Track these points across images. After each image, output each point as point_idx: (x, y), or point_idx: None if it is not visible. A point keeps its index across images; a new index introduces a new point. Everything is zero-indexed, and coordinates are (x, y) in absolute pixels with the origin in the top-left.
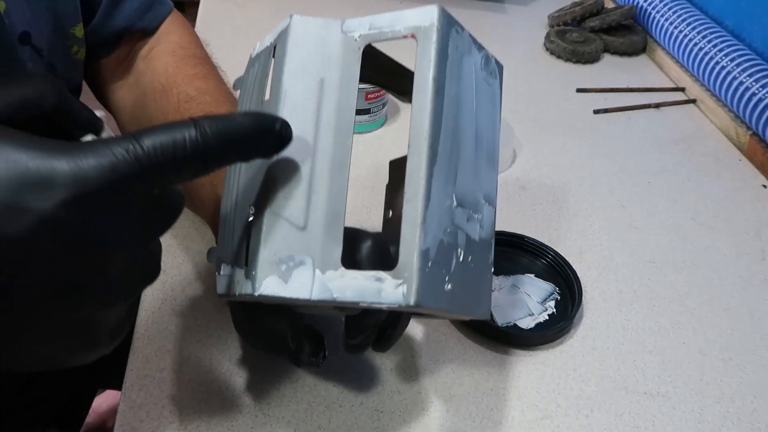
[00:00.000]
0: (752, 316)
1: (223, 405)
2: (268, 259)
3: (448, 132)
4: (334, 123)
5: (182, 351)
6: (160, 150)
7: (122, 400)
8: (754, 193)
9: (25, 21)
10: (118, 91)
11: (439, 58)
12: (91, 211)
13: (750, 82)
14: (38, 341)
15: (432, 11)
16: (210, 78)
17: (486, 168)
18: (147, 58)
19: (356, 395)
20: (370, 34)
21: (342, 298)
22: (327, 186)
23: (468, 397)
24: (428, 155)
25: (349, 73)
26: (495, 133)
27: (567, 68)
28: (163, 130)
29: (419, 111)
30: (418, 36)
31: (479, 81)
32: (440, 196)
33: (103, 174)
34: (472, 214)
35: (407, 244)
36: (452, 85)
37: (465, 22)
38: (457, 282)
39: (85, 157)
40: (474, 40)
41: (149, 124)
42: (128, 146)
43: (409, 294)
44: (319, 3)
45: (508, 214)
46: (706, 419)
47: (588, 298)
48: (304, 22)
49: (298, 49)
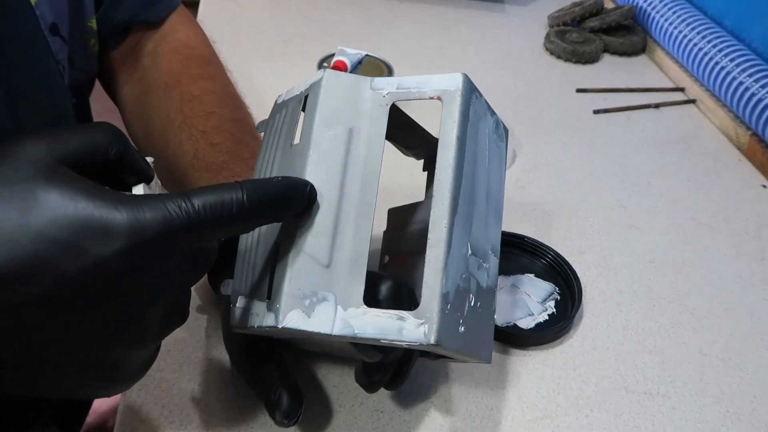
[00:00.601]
0: (752, 316)
1: (223, 405)
2: (293, 293)
3: (466, 186)
4: (361, 172)
5: (182, 351)
6: (209, 209)
7: (122, 400)
8: (753, 193)
9: (54, 12)
10: (124, 86)
11: (462, 120)
12: (143, 261)
13: (750, 82)
14: (70, 374)
15: (458, 78)
16: (216, 78)
17: (493, 222)
18: (152, 55)
19: (356, 395)
20: (398, 93)
21: (363, 335)
22: (352, 228)
23: (468, 397)
24: (450, 205)
25: (377, 127)
26: (501, 190)
27: (567, 68)
28: (213, 191)
29: (444, 165)
30: (444, 98)
31: (491, 143)
32: (459, 244)
33: (157, 228)
34: (482, 263)
35: (430, 287)
36: (471, 145)
37: (465, 22)
38: (468, 326)
39: (142, 210)
40: (488, 106)
41: (150, 120)
42: (180, 204)
43: (430, 333)
44: (320, 3)
45: (508, 214)
46: (706, 419)
47: (588, 298)
48: (336, 77)
49: (329, 100)
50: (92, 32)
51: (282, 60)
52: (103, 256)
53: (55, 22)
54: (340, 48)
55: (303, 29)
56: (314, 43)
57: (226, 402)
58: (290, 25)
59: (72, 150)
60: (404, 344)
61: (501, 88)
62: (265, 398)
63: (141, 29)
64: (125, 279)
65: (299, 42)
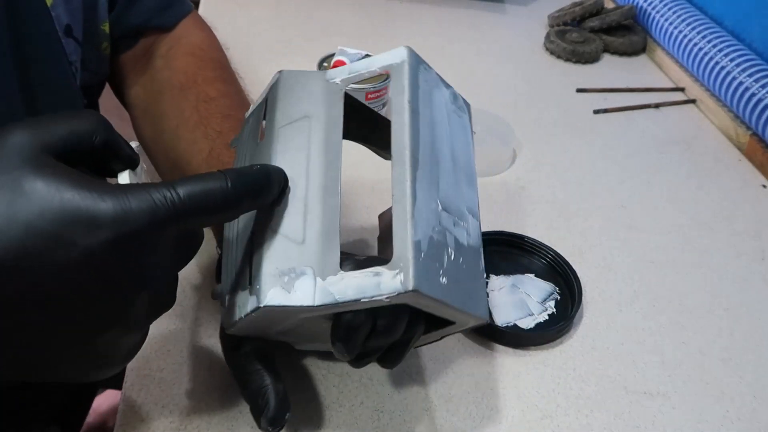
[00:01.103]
0: (752, 316)
1: (223, 405)
2: (271, 272)
3: (426, 146)
4: (324, 153)
5: (182, 351)
6: (194, 198)
7: (122, 400)
8: (753, 193)
9: (69, 14)
10: (134, 87)
11: (412, 86)
12: (130, 251)
13: (750, 82)
14: (60, 361)
15: (401, 51)
16: (230, 82)
17: (466, 186)
18: (166, 57)
19: (356, 395)
20: (350, 77)
21: (344, 298)
22: (321, 205)
23: (468, 397)
24: (411, 161)
25: (334, 111)
26: (470, 157)
27: (567, 68)
28: (198, 180)
29: (399, 127)
30: (391, 72)
31: (450, 112)
32: (425, 197)
33: (143, 217)
34: (457, 220)
35: (399, 237)
36: (425, 110)
37: (465, 22)
38: (452, 279)
39: (127, 200)
40: (441, 78)
41: (162, 119)
42: (166, 193)
43: (406, 280)
44: (320, 3)
45: (508, 214)
46: (706, 419)
47: (588, 298)
48: (291, 75)
49: (287, 97)
50: (105, 35)
51: (282, 60)
52: (91, 247)
53: (70, 24)
54: (340, 48)
55: (303, 29)
56: (314, 43)
57: (226, 402)
58: (290, 25)
59: (57, 138)
60: (384, 298)
61: (501, 88)
62: (251, 402)
63: (154, 33)
64: (112, 268)
65: (299, 42)
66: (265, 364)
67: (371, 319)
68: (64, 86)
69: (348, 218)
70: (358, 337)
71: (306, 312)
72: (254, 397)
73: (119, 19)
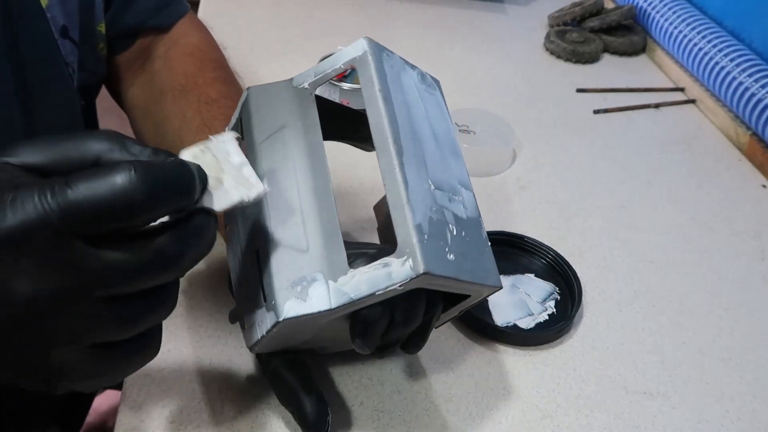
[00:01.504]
0: (752, 316)
1: (223, 405)
2: (283, 286)
3: (406, 130)
4: (308, 159)
5: (182, 351)
6: (87, 197)
7: (122, 400)
8: (753, 193)
9: (64, 15)
10: (131, 88)
11: (379, 75)
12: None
13: (750, 82)
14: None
15: (361, 43)
16: (230, 83)
17: (453, 160)
18: (164, 58)
19: (356, 395)
20: (317, 80)
21: (359, 295)
22: (317, 210)
23: (468, 397)
24: (395, 149)
25: (309, 116)
26: (450, 131)
27: (567, 68)
28: (95, 175)
29: (376, 117)
30: (357, 65)
31: (421, 92)
32: (416, 180)
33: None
34: (452, 196)
35: (400, 224)
36: (397, 95)
37: (465, 22)
38: (459, 253)
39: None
40: (406, 61)
41: (164, 122)
42: (51, 190)
43: (416, 265)
44: (320, 3)
45: (508, 214)
46: (706, 419)
47: (588, 298)
48: (259, 90)
49: (259, 112)
50: (101, 36)
51: (282, 60)
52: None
53: (66, 25)
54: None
55: (303, 29)
56: (314, 43)
57: (226, 402)
58: (290, 25)
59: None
60: (398, 286)
61: (501, 88)
62: (292, 414)
63: (151, 34)
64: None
65: (299, 42)
66: (296, 373)
67: (388, 313)
68: (61, 88)
69: (349, 218)
70: (376, 331)
71: (325, 316)
72: (293, 412)
73: (115, 19)
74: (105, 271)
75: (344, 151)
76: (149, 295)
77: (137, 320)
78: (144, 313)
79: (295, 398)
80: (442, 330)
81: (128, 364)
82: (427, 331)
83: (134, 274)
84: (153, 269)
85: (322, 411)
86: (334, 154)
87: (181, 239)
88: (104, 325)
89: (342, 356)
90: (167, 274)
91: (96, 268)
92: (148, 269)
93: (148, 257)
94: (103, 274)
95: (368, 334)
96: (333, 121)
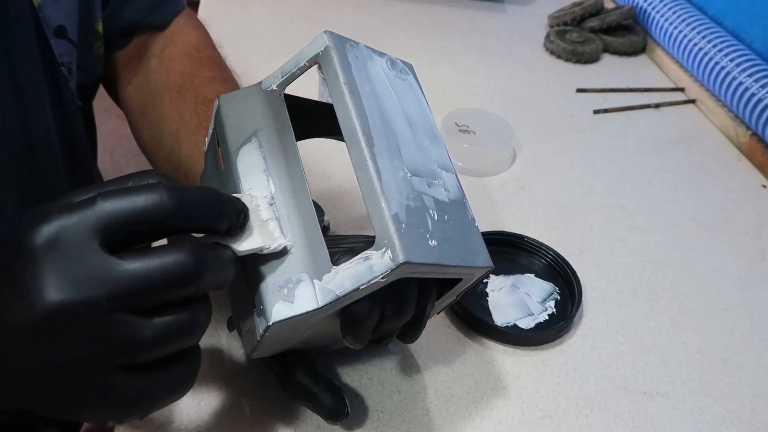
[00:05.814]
0: (752, 316)
1: (223, 405)
2: (270, 290)
3: (376, 120)
4: (283, 159)
5: None
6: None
7: None
8: (753, 193)
9: (62, 15)
10: (128, 87)
11: (343, 67)
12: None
13: (750, 82)
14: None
15: (322, 37)
16: (227, 82)
17: (431, 144)
18: (160, 57)
19: (356, 395)
20: (284, 80)
21: (344, 291)
22: (296, 210)
23: (468, 397)
24: (365, 141)
25: (280, 116)
26: (426, 115)
27: (567, 68)
28: (124, 195)
29: (343, 111)
30: (319, 60)
31: (391, 78)
32: (390, 170)
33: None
34: (431, 180)
35: (376, 216)
36: (364, 85)
37: (465, 22)
38: (442, 238)
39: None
40: (373, 50)
41: (162, 123)
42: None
43: (395, 255)
44: (320, 3)
45: (508, 214)
46: (706, 419)
47: (588, 298)
48: (229, 98)
49: (232, 119)
50: (99, 35)
51: (282, 60)
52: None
53: (63, 25)
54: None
55: (303, 29)
56: None
57: (226, 401)
58: (290, 25)
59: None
60: (381, 278)
61: (501, 88)
62: (307, 404)
63: (147, 32)
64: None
65: (299, 42)
66: (303, 368)
67: (378, 306)
68: (57, 88)
69: (349, 218)
70: (365, 326)
71: (314, 315)
72: (310, 406)
73: (112, 16)
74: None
75: (344, 151)
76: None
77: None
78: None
79: (309, 393)
80: (442, 330)
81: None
82: (423, 320)
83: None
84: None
85: (338, 397)
86: (335, 154)
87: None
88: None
89: (342, 356)
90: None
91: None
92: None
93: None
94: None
95: (358, 329)
96: (307, 119)
